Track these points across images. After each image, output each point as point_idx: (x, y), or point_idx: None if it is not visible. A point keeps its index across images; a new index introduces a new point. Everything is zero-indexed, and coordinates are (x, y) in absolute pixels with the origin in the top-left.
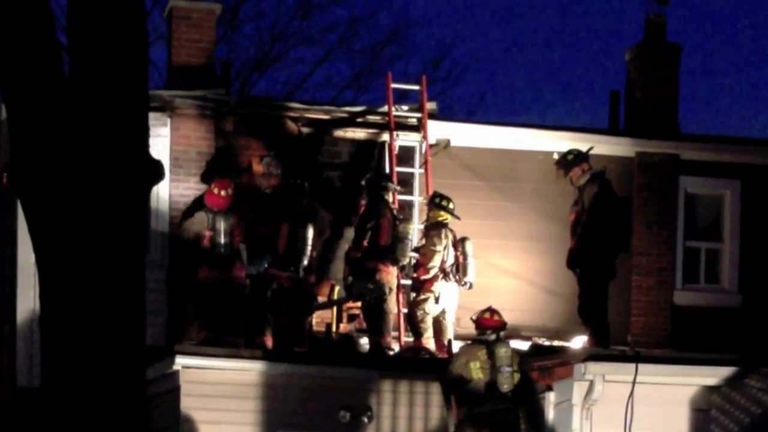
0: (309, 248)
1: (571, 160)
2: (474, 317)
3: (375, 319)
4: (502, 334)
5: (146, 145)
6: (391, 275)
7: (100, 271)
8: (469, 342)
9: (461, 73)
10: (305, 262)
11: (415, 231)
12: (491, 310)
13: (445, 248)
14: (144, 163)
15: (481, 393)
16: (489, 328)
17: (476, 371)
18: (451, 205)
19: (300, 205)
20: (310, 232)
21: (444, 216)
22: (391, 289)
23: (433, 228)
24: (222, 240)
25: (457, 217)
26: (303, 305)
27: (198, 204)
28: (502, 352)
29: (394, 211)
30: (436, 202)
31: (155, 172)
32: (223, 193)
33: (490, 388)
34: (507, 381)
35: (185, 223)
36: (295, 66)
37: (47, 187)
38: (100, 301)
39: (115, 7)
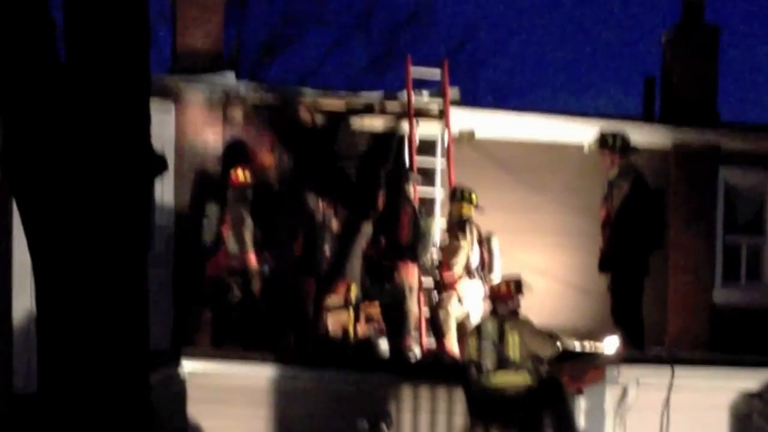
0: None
1: (607, 143)
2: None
3: (395, 320)
4: (520, 303)
5: (148, 136)
6: (411, 274)
7: (100, 270)
8: None
9: (486, 57)
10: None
11: (437, 227)
12: (506, 280)
13: (470, 245)
14: (145, 155)
15: (473, 372)
16: (495, 299)
17: (472, 349)
18: (473, 198)
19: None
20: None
21: (467, 210)
22: (411, 289)
23: (457, 224)
24: (205, 223)
25: (482, 209)
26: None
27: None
28: (488, 326)
29: (415, 206)
30: (458, 196)
31: (157, 164)
32: (241, 174)
33: (478, 366)
34: (487, 357)
35: None
36: (309, 50)
37: (42, 180)
38: (99, 302)
39: None
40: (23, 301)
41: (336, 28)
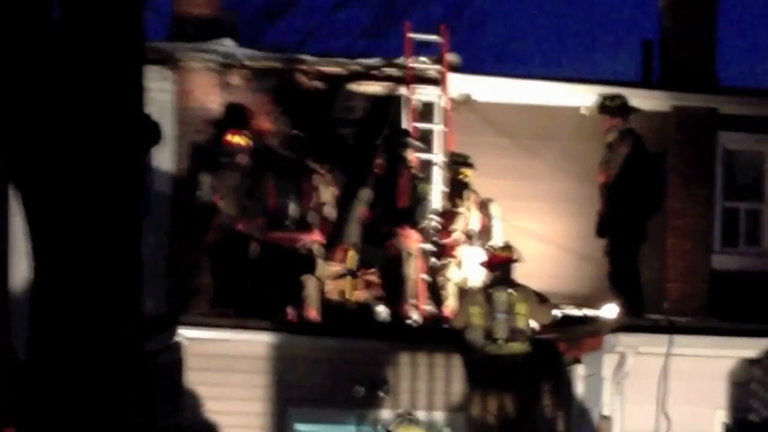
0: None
1: (607, 106)
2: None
3: (393, 287)
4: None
5: (142, 105)
6: (410, 239)
7: (94, 239)
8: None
9: (485, 21)
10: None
11: (435, 192)
12: (503, 246)
13: (468, 210)
14: (139, 125)
15: (479, 340)
16: (495, 265)
17: (476, 316)
18: (470, 160)
19: (282, 158)
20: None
21: (466, 173)
22: (410, 254)
23: (456, 189)
24: (197, 192)
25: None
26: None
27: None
28: (501, 297)
29: (413, 171)
30: (455, 160)
31: (152, 134)
32: (232, 138)
33: (488, 335)
34: (501, 327)
35: None
36: (309, 13)
37: (35, 150)
38: (94, 271)
39: None
40: (21, 269)
41: None
